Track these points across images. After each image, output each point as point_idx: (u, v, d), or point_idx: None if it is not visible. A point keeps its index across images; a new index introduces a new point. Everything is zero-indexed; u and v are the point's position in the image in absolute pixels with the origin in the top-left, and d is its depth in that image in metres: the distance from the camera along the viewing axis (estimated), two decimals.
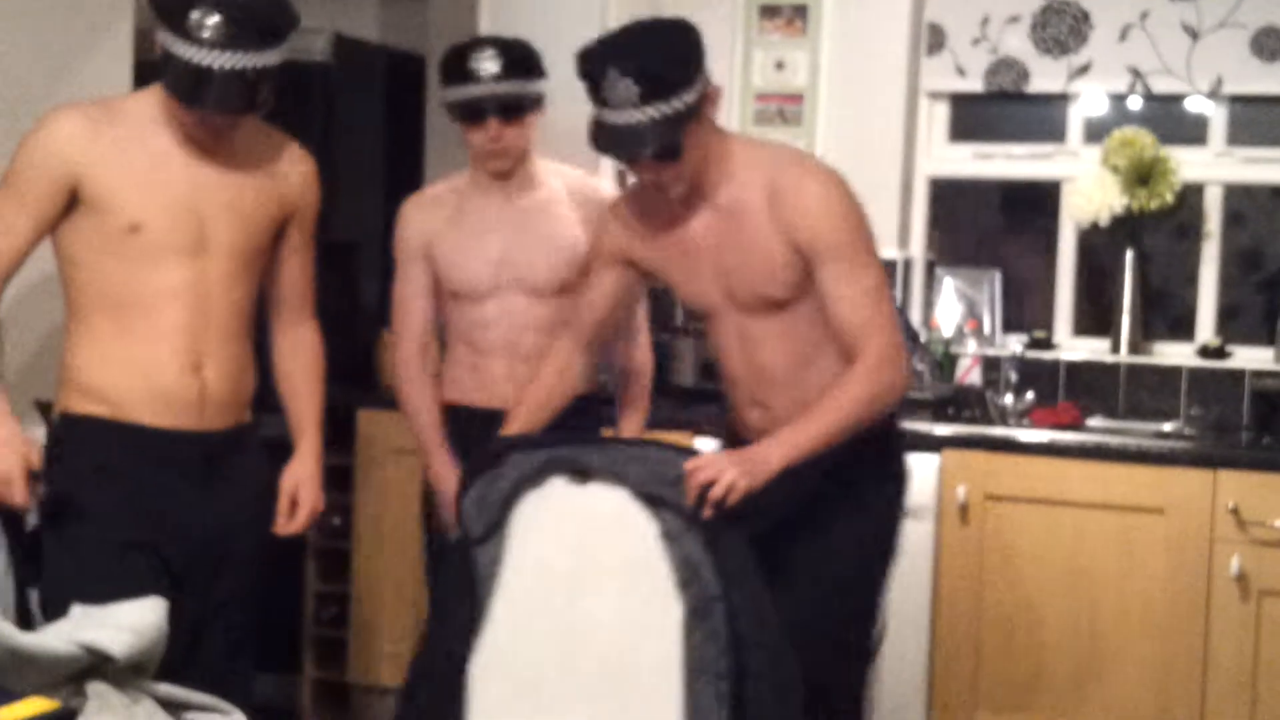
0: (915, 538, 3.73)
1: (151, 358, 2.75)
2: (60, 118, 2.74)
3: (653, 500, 2.61)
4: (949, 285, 4.69)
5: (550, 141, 3.49)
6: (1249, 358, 4.44)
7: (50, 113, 2.76)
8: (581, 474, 2.63)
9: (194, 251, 2.76)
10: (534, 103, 3.28)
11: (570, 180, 3.41)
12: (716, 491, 2.52)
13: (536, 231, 3.30)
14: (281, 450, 3.04)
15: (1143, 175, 4.42)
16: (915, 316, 4.67)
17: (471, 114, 3.22)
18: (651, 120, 2.56)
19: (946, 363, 4.51)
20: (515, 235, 3.30)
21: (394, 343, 3.47)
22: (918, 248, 4.75)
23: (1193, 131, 4.55)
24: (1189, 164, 4.47)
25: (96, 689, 1.81)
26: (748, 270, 2.73)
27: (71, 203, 2.72)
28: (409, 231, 3.40)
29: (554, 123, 3.48)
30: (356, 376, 4.72)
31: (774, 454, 2.63)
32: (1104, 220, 4.46)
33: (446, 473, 3.33)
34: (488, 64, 3.21)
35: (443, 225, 3.35)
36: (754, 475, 2.58)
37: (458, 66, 3.24)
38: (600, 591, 2.70)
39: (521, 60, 3.25)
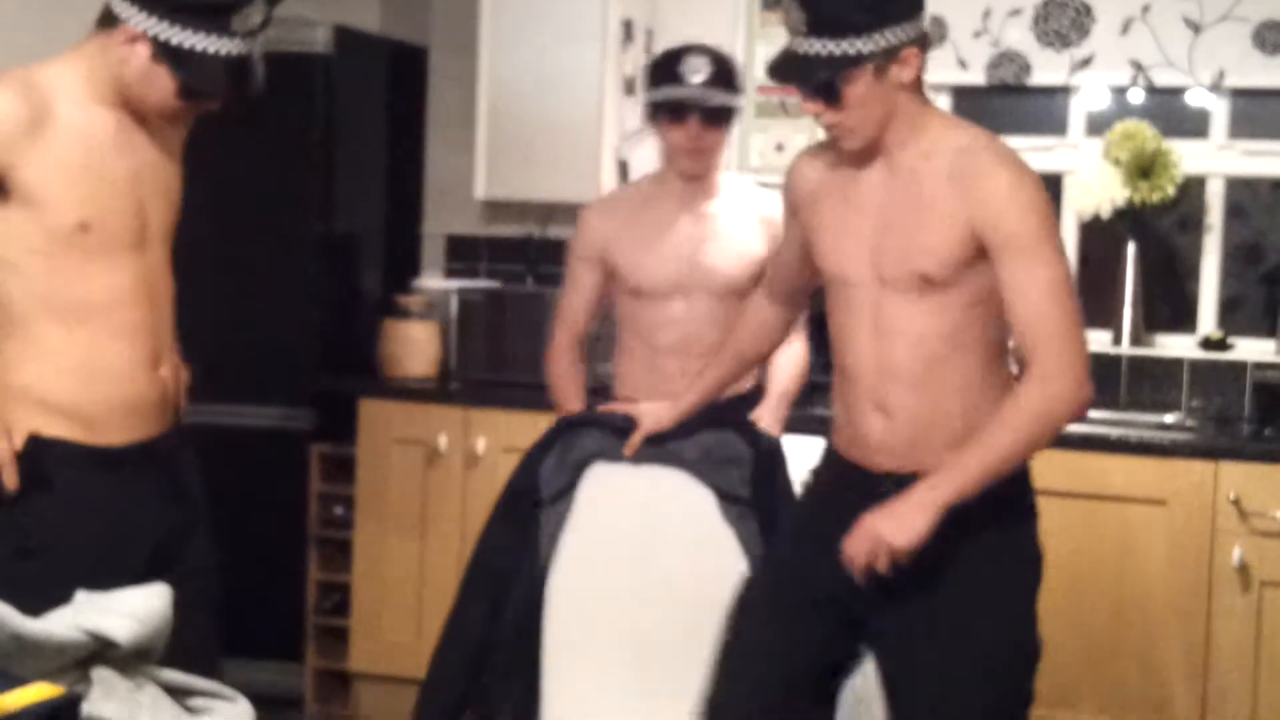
0: None
1: (114, 362, 2.58)
2: None
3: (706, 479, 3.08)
4: None
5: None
6: (1251, 350, 4.44)
7: None
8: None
9: (139, 244, 2.61)
10: (732, 114, 3.38)
11: (749, 192, 3.49)
12: (876, 565, 2.45)
13: (721, 235, 3.39)
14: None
15: (1144, 168, 4.42)
16: None
17: (675, 113, 3.32)
18: (813, 55, 2.45)
19: None
20: (701, 237, 3.39)
21: (553, 338, 3.57)
22: None
23: (1194, 124, 4.55)
24: (1190, 157, 4.47)
25: (101, 675, 1.81)
26: (910, 237, 2.51)
27: None
28: (586, 235, 3.49)
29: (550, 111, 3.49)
30: (358, 366, 4.73)
31: (927, 502, 2.44)
32: (1105, 213, 4.46)
33: None
34: (698, 69, 3.32)
35: (621, 225, 3.43)
36: (906, 534, 2.43)
37: (668, 69, 3.35)
38: (666, 553, 3.08)
39: (728, 73, 3.36)
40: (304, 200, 4.64)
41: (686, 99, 3.30)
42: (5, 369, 2.55)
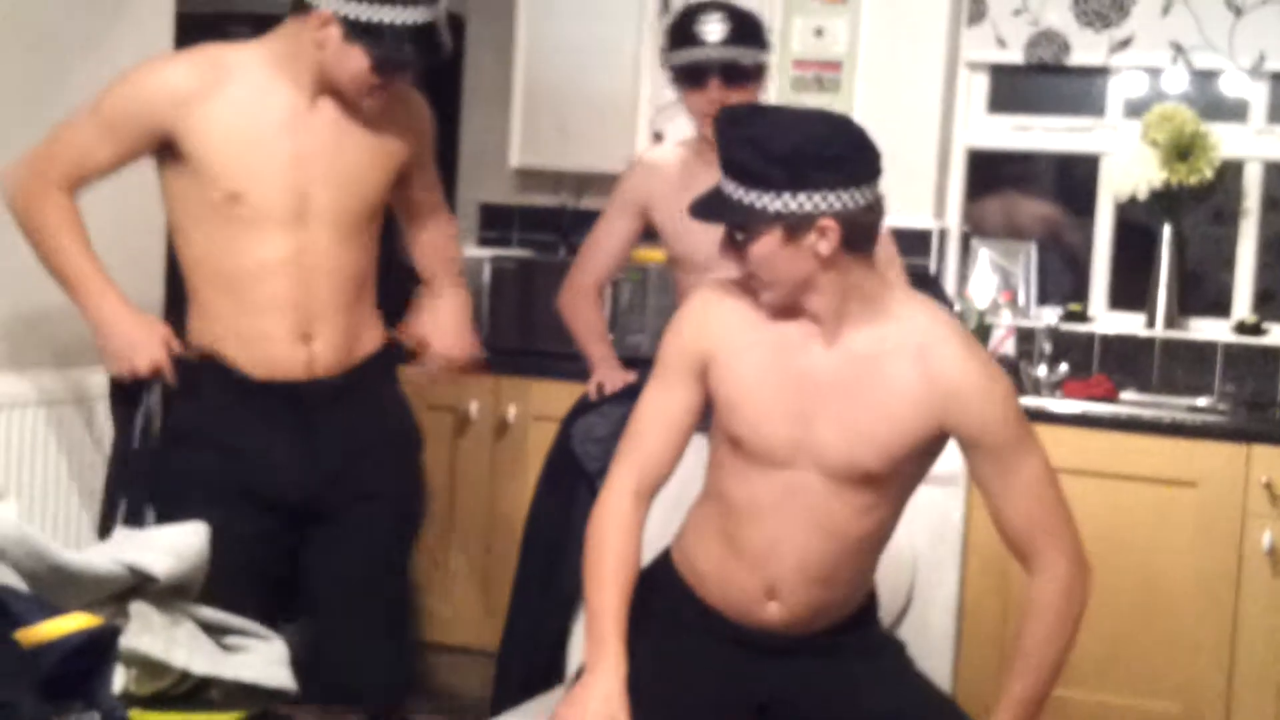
0: (945, 507, 3.71)
1: (259, 330, 2.72)
2: (170, 67, 2.70)
3: None
4: (984, 256, 4.68)
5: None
6: None
7: (161, 57, 2.73)
8: None
9: (295, 222, 2.69)
10: (757, 71, 3.26)
11: None
12: None
13: None
14: None
15: (1182, 151, 4.40)
16: (950, 287, 4.66)
17: (693, 77, 3.22)
18: (727, 195, 2.25)
19: (980, 333, 4.50)
20: None
21: (570, 280, 3.53)
22: (954, 218, 4.74)
23: (1233, 108, 4.52)
24: (1229, 140, 4.45)
25: (139, 609, 1.82)
26: (859, 430, 2.30)
27: (169, 157, 2.68)
28: (629, 183, 3.44)
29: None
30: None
31: None
32: (1142, 194, 4.44)
33: (614, 375, 3.45)
34: (713, 28, 3.20)
35: (663, 186, 3.35)
36: None
37: (682, 31, 3.24)
38: None
39: (746, 27, 3.23)
40: None
41: (704, 60, 3.18)
42: (188, 322, 2.79)
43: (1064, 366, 4.43)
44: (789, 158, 2.20)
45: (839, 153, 2.23)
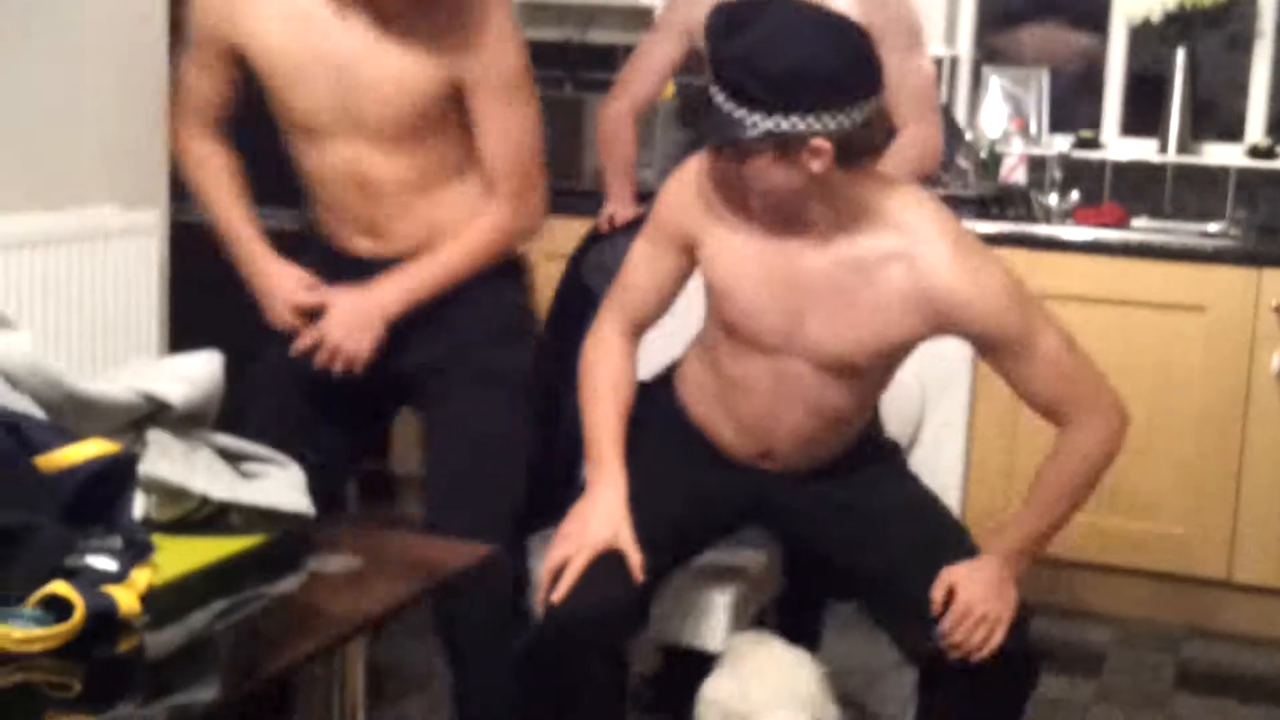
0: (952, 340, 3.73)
1: (329, 236, 2.70)
2: None
3: None
4: (995, 84, 4.63)
5: None
6: None
7: None
8: None
9: (342, 131, 2.56)
10: None
11: None
12: (989, 642, 2.32)
13: None
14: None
15: None
16: (961, 115, 4.62)
17: None
18: (720, 107, 2.19)
19: (991, 161, 4.47)
20: None
21: (609, 100, 3.46)
22: (965, 46, 4.68)
23: None
24: None
25: (156, 436, 1.84)
26: (849, 331, 2.32)
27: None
28: (677, 6, 3.35)
29: None
30: None
31: (1011, 574, 2.38)
32: (1156, 17, 4.38)
33: (626, 208, 3.43)
34: None
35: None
36: (1010, 604, 2.35)
37: None
38: None
39: None
40: None
41: None
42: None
43: (1075, 194, 4.40)
44: (781, 79, 2.13)
45: (834, 73, 2.15)
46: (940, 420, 3.46)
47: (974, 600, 2.32)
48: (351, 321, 2.58)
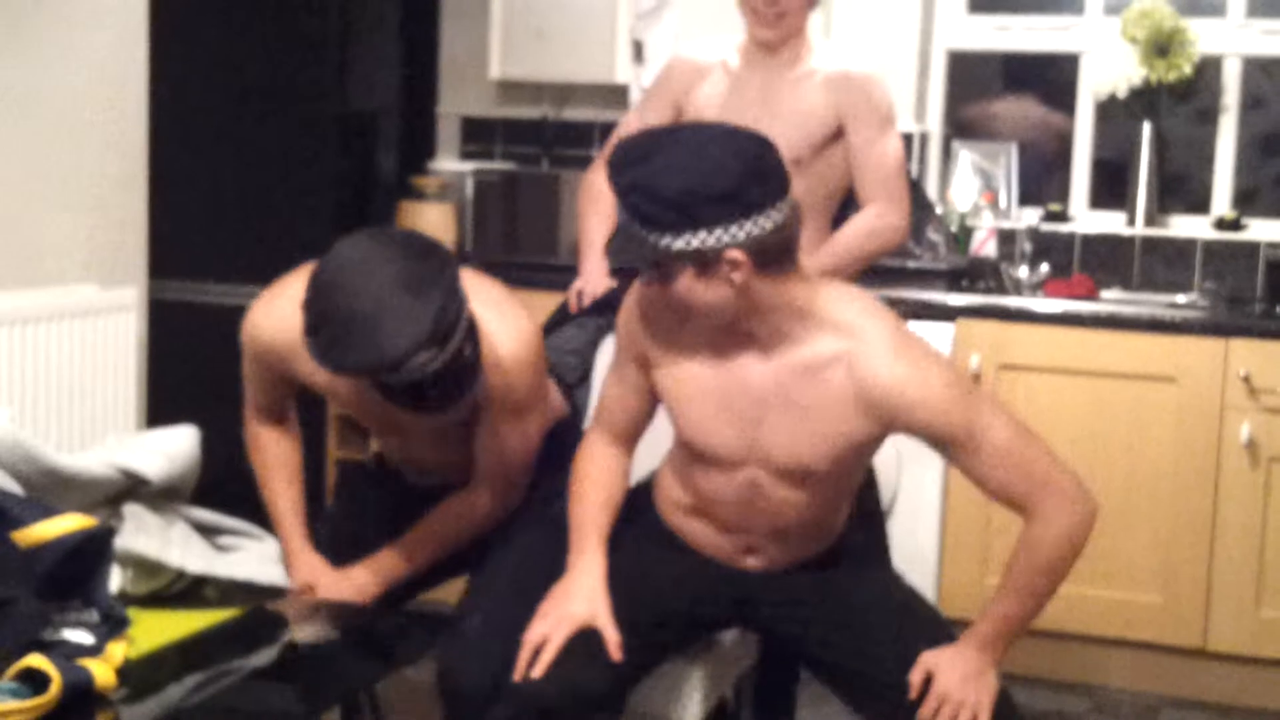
0: None
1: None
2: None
3: None
4: (965, 158, 4.70)
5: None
6: (1264, 230, 4.45)
7: None
8: None
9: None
10: None
11: (833, 62, 3.27)
12: None
13: (783, 108, 3.21)
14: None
15: (1161, 46, 4.40)
16: (932, 190, 4.68)
17: None
18: (636, 236, 2.23)
19: (962, 234, 4.53)
20: (764, 113, 3.18)
21: (595, 169, 3.43)
22: (935, 121, 4.75)
23: (1211, 3, 4.52)
24: (1208, 36, 4.45)
25: (133, 510, 1.86)
26: (801, 439, 2.35)
27: None
28: (669, 77, 3.34)
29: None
30: None
31: (989, 661, 2.37)
32: (1122, 92, 4.45)
33: (596, 282, 3.42)
34: None
35: (708, 90, 3.28)
36: (990, 691, 2.34)
37: None
38: None
39: None
40: (318, 81, 4.64)
41: None
42: None
43: (1045, 267, 4.46)
44: (678, 200, 2.16)
45: (729, 187, 2.17)
46: (915, 488, 3.49)
47: (951, 687, 2.32)
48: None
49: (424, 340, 2.18)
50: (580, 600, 2.36)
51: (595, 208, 3.46)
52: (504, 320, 2.51)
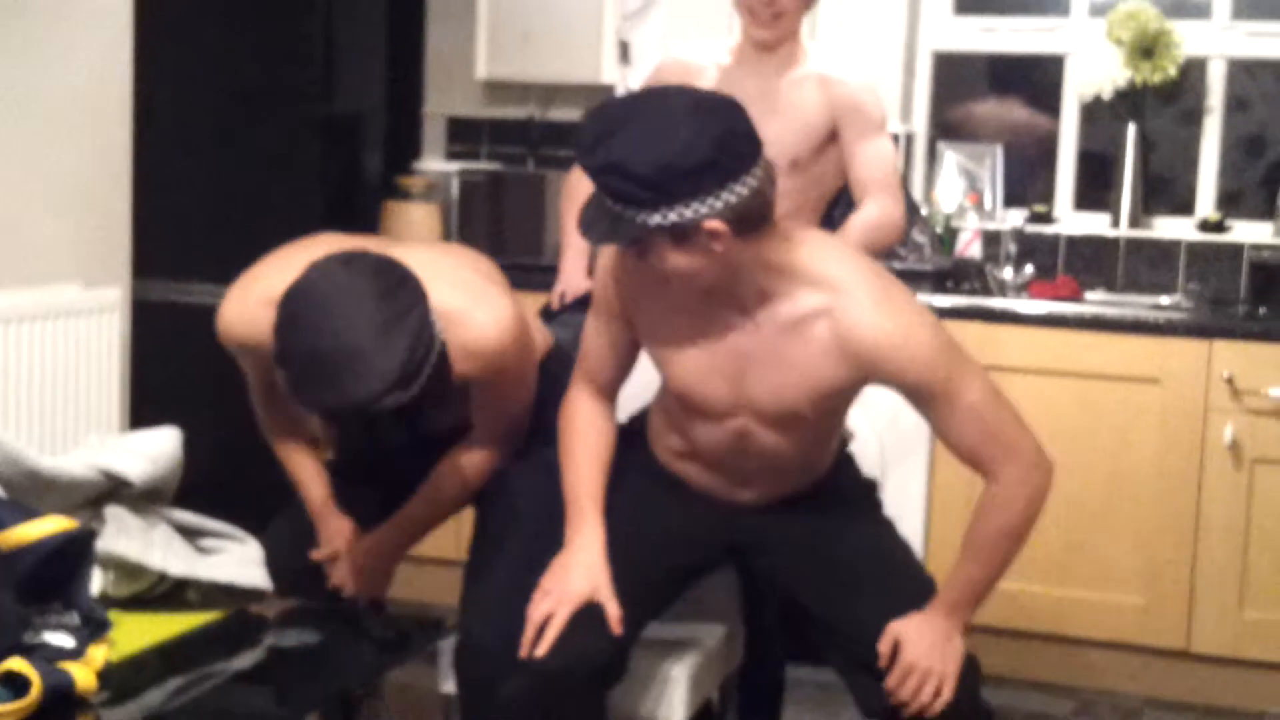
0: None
1: None
2: None
3: None
4: (950, 160, 4.70)
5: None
6: (1248, 231, 4.46)
7: None
8: None
9: None
10: None
11: (827, 65, 3.26)
12: (940, 698, 2.35)
13: (781, 109, 3.19)
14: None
15: (1146, 48, 4.41)
16: (917, 191, 4.68)
17: None
18: (615, 213, 2.24)
19: (947, 236, 4.53)
20: (762, 114, 3.19)
21: (576, 169, 3.39)
22: (920, 122, 4.76)
23: (1196, 6, 4.54)
24: (1193, 38, 4.46)
25: (114, 512, 1.85)
26: (785, 391, 2.38)
27: None
28: (662, 78, 3.27)
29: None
30: None
31: (956, 626, 2.41)
32: (1107, 94, 4.46)
33: (575, 282, 3.47)
34: None
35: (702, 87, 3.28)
36: (957, 658, 2.38)
37: None
38: None
39: None
40: (304, 81, 4.63)
41: None
42: None
43: (1030, 268, 4.47)
44: (652, 178, 2.16)
45: (702, 160, 2.17)
46: (899, 489, 3.49)
47: (918, 657, 2.35)
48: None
49: (392, 384, 2.22)
50: (580, 577, 2.39)
51: (575, 207, 3.45)
52: (479, 305, 2.53)
